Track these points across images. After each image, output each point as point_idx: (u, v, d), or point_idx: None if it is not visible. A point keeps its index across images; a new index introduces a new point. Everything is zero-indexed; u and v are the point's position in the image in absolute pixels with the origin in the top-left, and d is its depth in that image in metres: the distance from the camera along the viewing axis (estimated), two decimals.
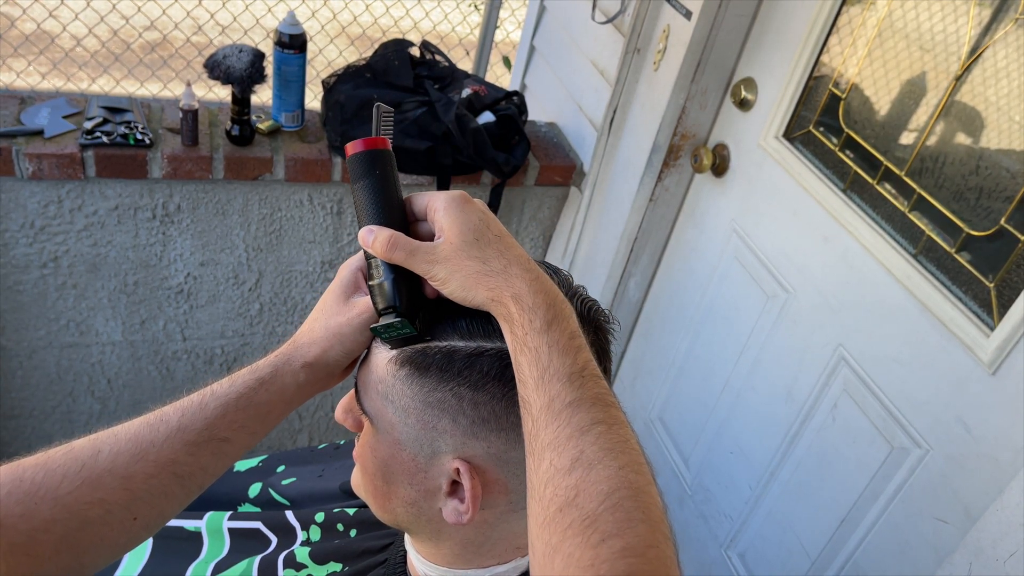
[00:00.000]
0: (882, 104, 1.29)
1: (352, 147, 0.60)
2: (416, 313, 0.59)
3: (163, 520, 0.60)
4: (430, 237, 0.59)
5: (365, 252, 0.60)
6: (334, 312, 0.63)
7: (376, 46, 1.79)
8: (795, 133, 1.43)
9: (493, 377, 0.56)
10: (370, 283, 0.60)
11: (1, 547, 0.52)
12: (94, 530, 0.55)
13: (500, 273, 0.55)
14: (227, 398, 0.60)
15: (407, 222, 0.60)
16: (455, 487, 0.60)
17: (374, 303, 0.60)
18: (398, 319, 0.58)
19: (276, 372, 0.61)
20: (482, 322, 0.58)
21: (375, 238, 0.58)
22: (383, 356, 0.60)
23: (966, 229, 1.14)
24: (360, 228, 0.60)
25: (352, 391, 0.66)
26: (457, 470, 0.58)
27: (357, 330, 0.61)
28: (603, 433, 0.50)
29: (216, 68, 1.52)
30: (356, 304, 0.62)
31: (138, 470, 0.57)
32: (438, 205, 0.58)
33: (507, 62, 2.78)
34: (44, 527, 0.53)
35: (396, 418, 0.59)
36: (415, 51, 1.81)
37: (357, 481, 0.68)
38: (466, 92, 1.74)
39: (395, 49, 1.75)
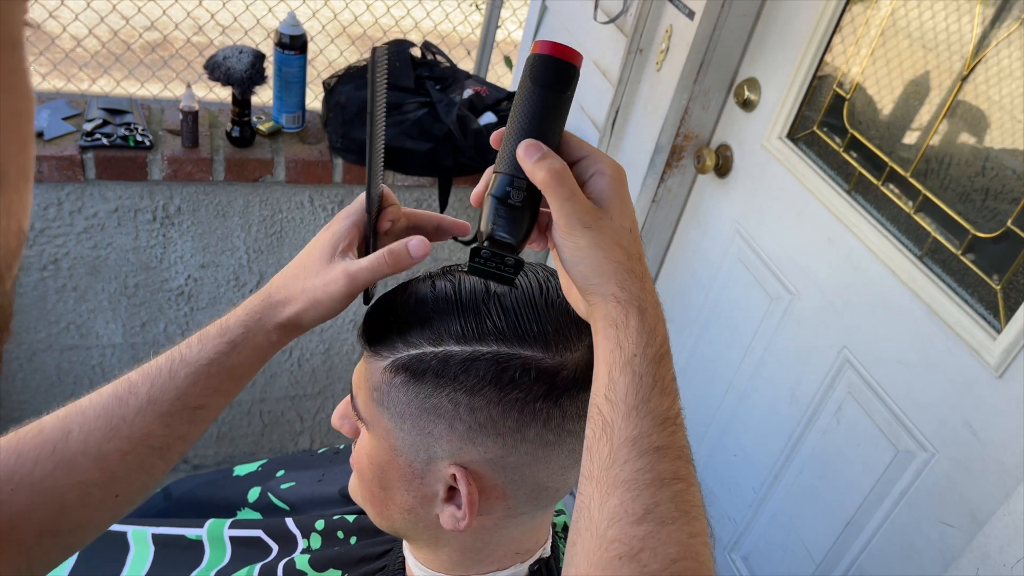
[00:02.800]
0: (886, 104, 1.28)
1: (553, 48, 0.52)
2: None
3: (146, 493, 0.59)
4: None
5: (502, 163, 0.53)
6: (314, 271, 0.58)
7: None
8: (799, 134, 1.42)
9: (489, 381, 0.55)
10: (493, 193, 0.52)
11: None
12: (76, 513, 0.54)
13: (639, 279, 0.50)
14: (198, 365, 0.57)
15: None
16: (452, 493, 0.59)
17: (486, 220, 0.52)
18: (512, 257, 0.52)
19: (248, 332, 0.58)
20: (477, 325, 0.56)
21: (541, 159, 0.50)
22: (378, 364, 0.59)
23: (972, 231, 1.13)
24: (520, 136, 0.51)
25: (348, 397, 0.65)
26: (453, 476, 0.57)
27: (333, 299, 0.58)
28: (682, 491, 0.48)
29: (216, 69, 1.51)
30: (335, 268, 0.58)
31: (111, 448, 0.55)
32: (604, 168, 0.52)
33: (508, 62, 2.77)
34: (24, 514, 0.52)
35: (392, 424, 0.58)
36: (416, 51, 1.80)
37: (355, 488, 0.67)
38: (467, 93, 1.73)
39: (396, 50, 1.74)
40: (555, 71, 0.52)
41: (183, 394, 0.57)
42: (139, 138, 1.53)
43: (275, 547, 0.85)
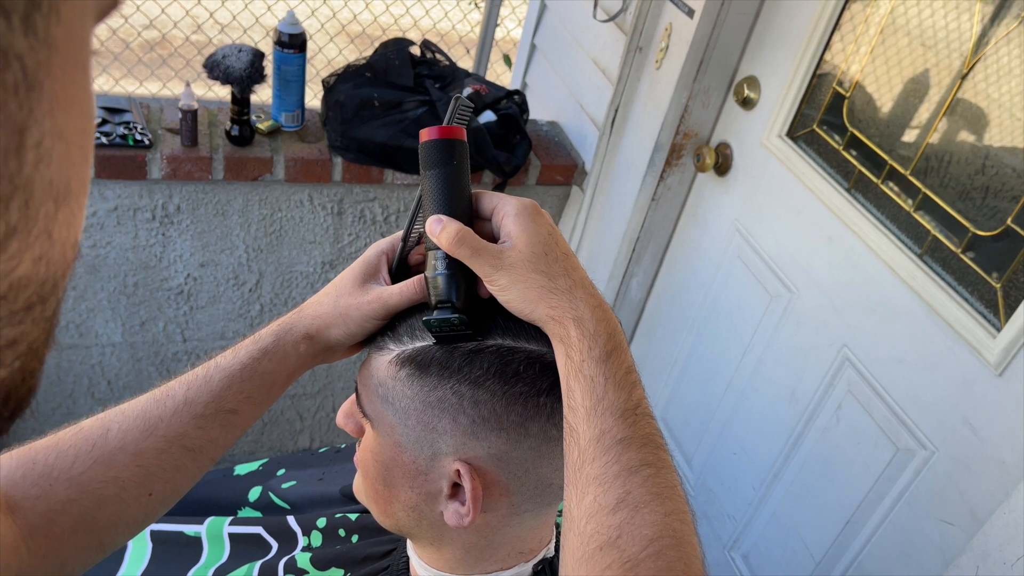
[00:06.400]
0: (886, 103, 1.28)
1: (429, 133, 0.58)
2: (470, 312, 0.58)
3: (178, 495, 0.61)
4: (489, 239, 0.58)
5: (425, 241, 0.59)
6: (347, 292, 0.62)
7: (376, 44, 1.78)
8: (799, 132, 1.42)
9: (493, 374, 0.55)
10: (427, 274, 0.58)
11: (22, 529, 0.53)
12: (111, 508, 0.56)
13: (565, 292, 0.54)
14: (231, 370, 0.61)
15: (472, 219, 0.59)
16: (456, 489, 0.59)
17: (429, 295, 0.58)
18: (456, 315, 0.56)
19: (278, 341, 0.62)
20: (482, 319, 0.57)
21: (443, 229, 0.56)
22: (383, 358, 0.59)
23: (972, 229, 1.13)
24: (427, 216, 0.58)
25: (353, 395, 0.65)
26: (458, 471, 0.57)
27: (364, 316, 0.61)
28: (651, 476, 0.49)
29: (215, 68, 1.51)
30: (370, 291, 0.61)
31: (148, 446, 0.57)
32: (509, 210, 0.57)
33: (508, 60, 2.77)
34: (61, 508, 0.54)
35: (396, 420, 0.59)
36: (415, 50, 1.80)
37: (359, 486, 0.68)
38: (467, 91, 1.73)
39: (395, 48, 1.74)
40: (436, 151, 0.58)
41: (217, 397, 0.60)
42: (138, 137, 1.53)
43: (275, 545, 0.85)
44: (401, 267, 0.65)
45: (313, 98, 1.84)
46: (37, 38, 0.19)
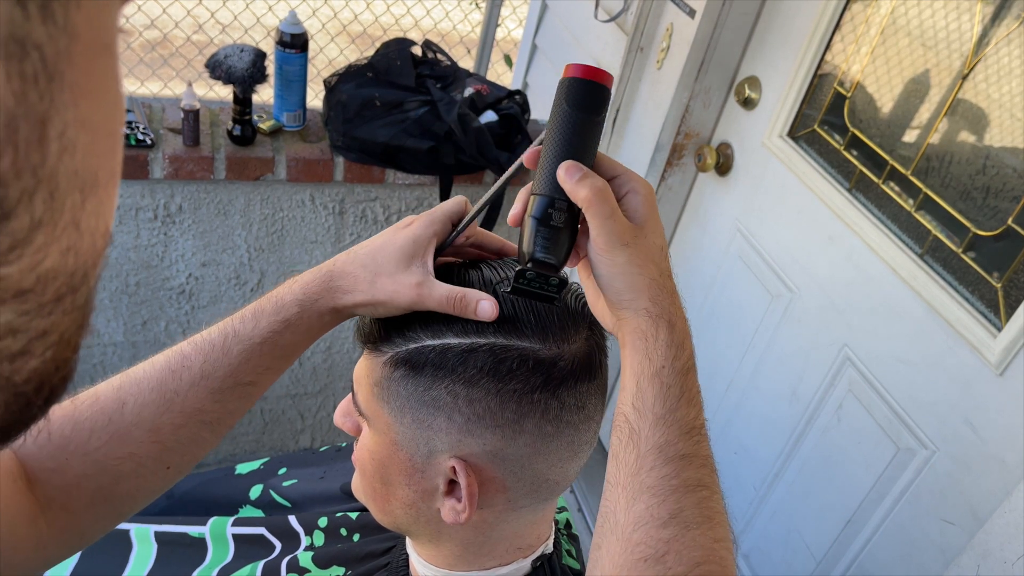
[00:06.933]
0: (887, 103, 1.28)
1: (589, 72, 0.53)
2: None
3: (195, 464, 0.60)
4: None
5: (536, 184, 0.53)
6: (388, 271, 0.57)
7: (377, 44, 1.79)
8: (800, 132, 1.43)
9: (487, 372, 0.55)
10: (534, 215, 0.52)
11: (40, 502, 0.52)
12: (129, 483, 0.56)
13: (669, 294, 0.53)
14: (251, 342, 0.58)
15: None
16: (452, 487, 0.59)
17: (529, 241, 0.53)
18: (556, 278, 0.53)
19: (303, 313, 0.59)
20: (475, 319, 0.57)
21: (584, 178, 0.51)
22: (377, 359, 0.59)
23: (973, 229, 1.13)
24: (559, 158, 0.52)
25: (350, 395, 0.65)
26: (453, 469, 0.57)
27: (397, 307, 0.57)
28: (706, 499, 0.49)
29: (217, 68, 1.51)
30: (409, 277, 0.57)
31: (165, 422, 0.56)
32: (637, 187, 0.53)
33: (508, 60, 2.78)
34: (77, 483, 0.53)
35: (392, 419, 0.59)
36: (417, 50, 1.80)
37: (357, 484, 0.68)
38: (468, 91, 1.73)
39: (397, 48, 1.74)
40: (590, 94, 0.53)
41: (235, 371, 0.58)
42: (140, 136, 1.53)
43: (278, 544, 0.85)
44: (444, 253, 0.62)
45: (315, 98, 1.85)
46: (56, 26, 0.19)
